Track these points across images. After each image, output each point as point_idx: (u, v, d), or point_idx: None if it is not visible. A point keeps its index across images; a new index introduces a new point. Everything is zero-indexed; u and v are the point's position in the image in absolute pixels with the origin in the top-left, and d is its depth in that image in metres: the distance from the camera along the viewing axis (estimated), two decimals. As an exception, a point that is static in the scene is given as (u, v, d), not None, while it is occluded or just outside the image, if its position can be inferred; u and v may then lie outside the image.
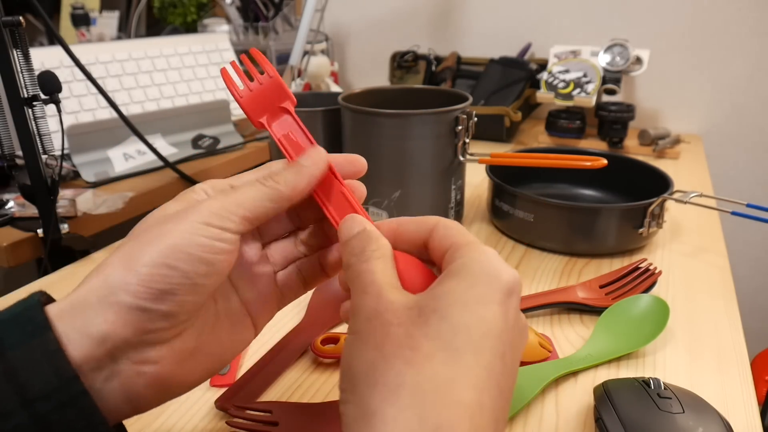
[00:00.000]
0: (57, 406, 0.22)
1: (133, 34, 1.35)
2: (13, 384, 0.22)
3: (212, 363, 0.28)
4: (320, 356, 0.42)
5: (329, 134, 0.63)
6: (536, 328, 0.46)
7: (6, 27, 0.52)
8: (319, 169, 0.29)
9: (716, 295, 0.52)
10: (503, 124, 0.97)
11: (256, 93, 0.31)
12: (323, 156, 0.30)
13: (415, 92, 0.66)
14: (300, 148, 0.30)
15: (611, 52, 0.94)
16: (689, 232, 0.65)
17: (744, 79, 1.01)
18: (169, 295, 0.24)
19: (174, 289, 0.24)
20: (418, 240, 0.28)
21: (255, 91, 0.31)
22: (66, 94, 0.85)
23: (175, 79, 0.99)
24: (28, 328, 0.22)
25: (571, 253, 0.59)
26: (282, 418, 0.35)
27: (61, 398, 0.22)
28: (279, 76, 0.31)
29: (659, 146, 0.92)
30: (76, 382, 0.22)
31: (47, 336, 0.22)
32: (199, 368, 0.27)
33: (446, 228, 0.27)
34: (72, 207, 0.66)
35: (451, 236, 0.27)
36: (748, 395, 0.39)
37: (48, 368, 0.22)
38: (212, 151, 0.89)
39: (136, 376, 0.24)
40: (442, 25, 1.23)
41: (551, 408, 0.38)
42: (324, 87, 1.11)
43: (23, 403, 0.21)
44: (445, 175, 0.59)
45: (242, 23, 1.18)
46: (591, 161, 0.56)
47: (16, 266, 0.61)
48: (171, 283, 0.24)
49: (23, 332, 0.22)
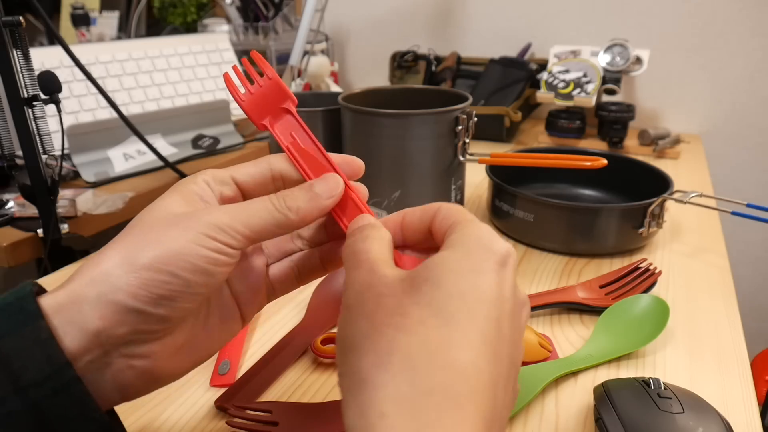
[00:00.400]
0: (50, 392, 0.22)
1: (133, 34, 1.35)
2: (6, 371, 0.22)
3: (200, 354, 0.29)
4: (320, 356, 0.42)
5: (329, 134, 0.63)
6: (536, 328, 0.46)
7: (6, 27, 0.52)
8: (333, 201, 0.29)
9: (716, 295, 0.52)
10: (503, 124, 0.97)
11: (256, 96, 0.31)
12: (340, 186, 0.29)
13: (415, 92, 0.66)
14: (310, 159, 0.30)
15: (611, 52, 0.94)
16: (689, 232, 0.65)
17: (744, 79, 1.01)
18: (167, 300, 0.24)
19: (173, 296, 0.24)
20: (423, 227, 0.28)
21: (256, 94, 0.31)
22: (66, 94, 0.85)
23: (175, 79, 0.99)
24: (20, 317, 0.23)
25: (571, 253, 0.59)
26: (282, 418, 0.35)
27: (53, 385, 0.22)
28: (278, 77, 0.31)
29: (659, 146, 0.92)
30: (69, 369, 0.23)
31: (39, 324, 0.23)
32: (188, 360, 0.28)
33: (447, 210, 0.27)
34: (72, 207, 0.66)
35: (451, 216, 0.27)
36: (748, 395, 0.39)
37: (40, 355, 0.22)
38: (212, 151, 0.89)
39: (128, 368, 0.25)
40: (442, 25, 1.23)
41: (551, 408, 0.38)
42: (324, 87, 1.11)
43: (16, 390, 0.22)
44: (445, 175, 0.59)
45: (242, 23, 1.18)
46: (591, 161, 0.56)
47: (16, 266, 0.61)
48: (171, 290, 0.24)
49: (15, 321, 0.23)
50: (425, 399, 0.20)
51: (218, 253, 0.25)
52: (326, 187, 0.29)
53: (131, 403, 0.38)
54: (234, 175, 0.29)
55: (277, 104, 0.31)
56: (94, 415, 0.23)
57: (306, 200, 0.28)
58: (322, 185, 0.29)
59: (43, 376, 0.22)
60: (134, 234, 0.25)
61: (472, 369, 0.21)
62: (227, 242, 0.26)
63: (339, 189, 0.29)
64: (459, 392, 0.20)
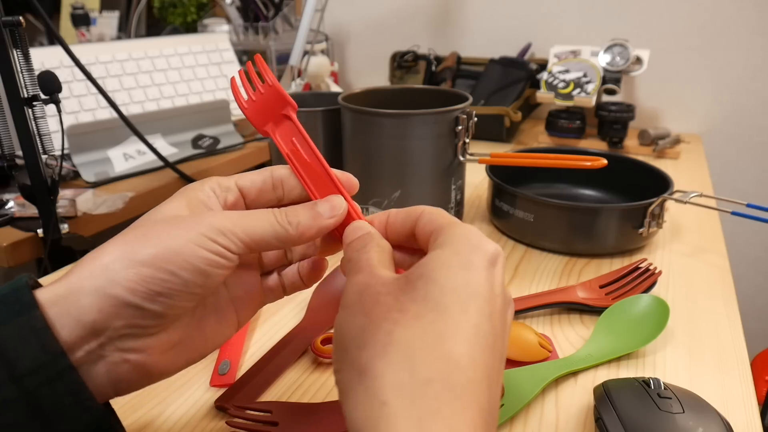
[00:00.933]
0: (44, 381, 0.23)
1: (133, 34, 1.35)
2: (2, 360, 0.22)
3: (194, 353, 0.29)
4: (320, 356, 0.42)
5: (329, 134, 0.63)
6: (536, 328, 0.46)
7: (6, 27, 0.52)
8: (335, 221, 0.29)
9: (716, 295, 0.52)
10: (503, 124, 0.97)
11: (258, 102, 0.31)
12: (342, 206, 0.29)
13: (415, 92, 0.66)
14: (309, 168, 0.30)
15: (611, 52, 0.94)
16: (689, 232, 0.65)
17: (744, 79, 1.01)
18: (164, 297, 0.25)
19: (170, 294, 0.25)
20: (406, 229, 0.29)
21: (258, 101, 0.31)
22: (66, 94, 0.85)
23: (175, 79, 0.99)
24: (15, 307, 0.23)
25: (571, 253, 0.59)
26: (282, 418, 0.35)
27: (48, 374, 0.23)
28: (278, 84, 0.31)
29: (659, 146, 0.92)
30: (63, 358, 0.23)
31: (34, 314, 0.23)
32: (182, 358, 0.28)
33: (430, 214, 0.28)
34: (72, 207, 0.66)
35: (434, 221, 0.27)
36: (748, 395, 0.39)
37: (35, 344, 0.23)
38: (212, 151, 0.89)
39: (122, 362, 0.25)
40: (442, 25, 1.23)
41: (551, 408, 0.38)
42: (324, 87, 1.11)
43: (12, 378, 0.22)
44: (445, 175, 0.59)
45: (242, 23, 1.18)
46: (591, 161, 0.56)
47: (16, 266, 0.61)
48: (168, 288, 0.25)
49: (11, 311, 0.23)
50: (425, 388, 0.20)
51: (217, 256, 0.26)
52: (329, 207, 0.29)
53: (131, 403, 0.38)
54: (237, 182, 0.30)
55: (278, 110, 0.31)
56: (88, 404, 0.23)
57: (308, 219, 0.28)
58: (325, 205, 0.29)
59: (37, 365, 0.22)
60: (136, 232, 0.26)
61: (469, 360, 0.21)
62: (227, 246, 0.26)
63: (341, 210, 0.29)
64: (457, 382, 0.21)
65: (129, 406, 0.38)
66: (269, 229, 0.27)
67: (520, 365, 0.40)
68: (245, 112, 0.31)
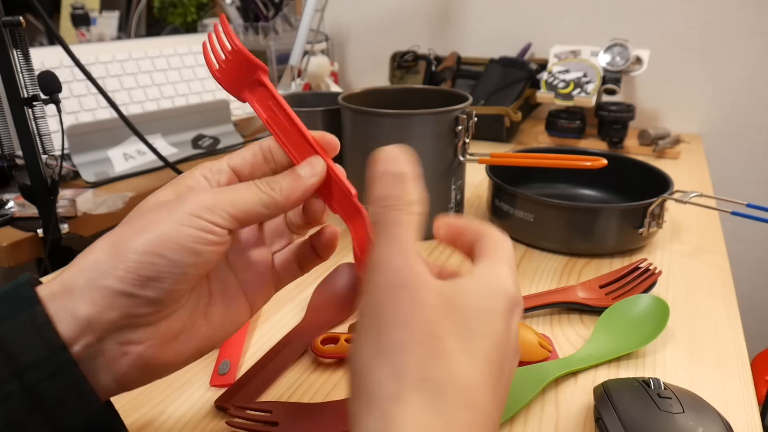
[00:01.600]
0: (46, 375, 0.23)
1: (133, 34, 1.35)
2: (4, 354, 0.22)
3: (202, 343, 0.29)
4: (320, 356, 0.42)
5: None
6: (536, 328, 0.46)
7: (6, 27, 0.52)
8: (316, 180, 0.29)
9: (716, 295, 0.52)
10: (503, 124, 0.97)
11: (229, 68, 0.30)
12: (322, 167, 0.29)
13: (415, 92, 0.66)
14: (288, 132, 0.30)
15: (611, 52, 0.94)
16: (689, 232, 0.65)
17: (744, 79, 1.01)
18: (155, 282, 0.24)
19: (161, 277, 0.25)
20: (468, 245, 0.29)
21: (228, 67, 0.30)
22: (66, 94, 0.85)
23: (175, 79, 0.99)
24: (18, 303, 0.23)
25: (571, 253, 0.59)
26: (282, 418, 0.35)
27: (50, 368, 0.23)
28: (243, 48, 0.29)
29: (659, 146, 0.92)
30: (64, 352, 0.23)
31: (35, 309, 0.23)
32: (187, 349, 0.28)
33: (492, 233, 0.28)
34: (72, 207, 0.66)
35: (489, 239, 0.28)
36: (748, 395, 0.39)
37: (37, 339, 0.23)
38: (212, 151, 0.89)
39: (121, 356, 0.25)
40: (442, 25, 1.23)
41: (551, 408, 0.38)
42: (324, 87, 1.11)
43: (14, 372, 0.22)
44: (445, 175, 0.59)
45: (242, 23, 1.18)
46: (591, 161, 0.56)
47: (16, 266, 0.61)
48: (158, 271, 0.24)
49: (13, 306, 0.23)
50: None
51: (205, 232, 0.25)
52: (308, 168, 0.29)
53: (131, 403, 0.38)
54: (228, 162, 0.30)
55: (249, 75, 0.30)
56: (88, 398, 0.24)
57: (290, 182, 0.28)
58: (305, 167, 0.29)
59: (39, 359, 0.23)
60: (124, 225, 0.26)
61: (487, 414, 0.22)
62: (214, 221, 0.26)
63: (320, 169, 0.29)
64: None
65: (129, 406, 0.38)
66: (254, 198, 0.27)
67: (520, 365, 0.40)
68: (218, 80, 0.30)
